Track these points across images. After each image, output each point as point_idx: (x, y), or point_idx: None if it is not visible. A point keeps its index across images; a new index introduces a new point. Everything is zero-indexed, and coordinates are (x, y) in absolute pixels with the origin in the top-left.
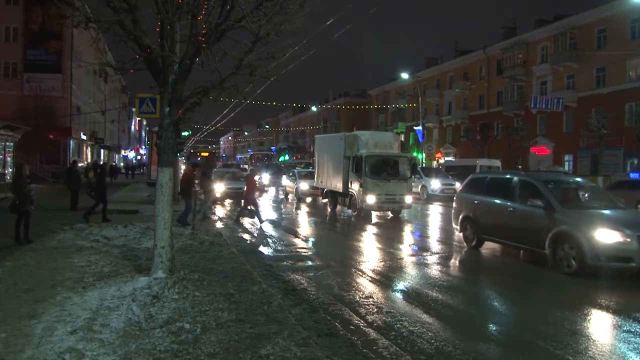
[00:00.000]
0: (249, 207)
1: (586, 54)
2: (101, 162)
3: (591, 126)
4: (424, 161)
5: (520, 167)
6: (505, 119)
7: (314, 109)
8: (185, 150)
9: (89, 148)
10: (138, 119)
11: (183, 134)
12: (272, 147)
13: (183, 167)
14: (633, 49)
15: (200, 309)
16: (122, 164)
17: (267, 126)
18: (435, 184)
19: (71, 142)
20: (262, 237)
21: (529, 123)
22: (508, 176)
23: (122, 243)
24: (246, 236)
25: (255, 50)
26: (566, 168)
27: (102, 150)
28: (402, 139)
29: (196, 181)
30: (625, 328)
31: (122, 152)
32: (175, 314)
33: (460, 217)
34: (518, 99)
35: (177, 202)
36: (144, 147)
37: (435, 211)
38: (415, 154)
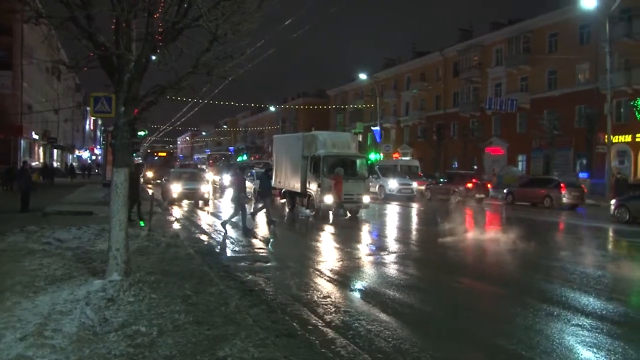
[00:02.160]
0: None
1: (539, 57)
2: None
3: (543, 127)
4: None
5: (475, 167)
6: (461, 119)
7: (272, 109)
8: (141, 150)
9: (41, 148)
10: (93, 118)
11: (139, 133)
12: (230, 147)
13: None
14: (582, 54)
15: (157, 312)
16: (75, 164)
17: (225, 126)
18: (393, 184)
19: (22, 141)
20: (220, 238)
21: (484, 124)
22: None
23: (76, 245)
24: (204, 237)
25: (212, 49)
26: (520, 168)
27: (54, 150)
28: (360, 139)
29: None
30: None
31: (76, 152)
32: (130, 317)
33: None
34: (474, 100)
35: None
36: (99, 147)
37: (392, 211)
38: (372, 154)
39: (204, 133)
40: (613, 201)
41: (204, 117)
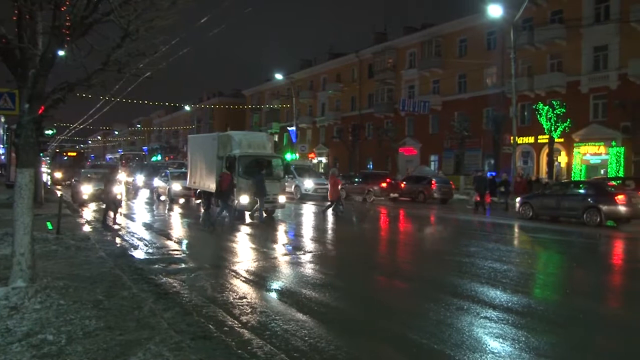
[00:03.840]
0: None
1: (450, 61)
2: None
3: (454, 128)
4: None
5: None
6: (376, 120)
7: (187, 108)
8: (49, 150)
9: None
10: None
11: (46, 132)
12: (144, 147)
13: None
14: (489, 59)
15: (66, 318)
16: None
17: (138, 125)
18: (309, 184)
19: None
20: (133, 240)
21: (398, 125)
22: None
23: None
24: (116, 239)
25: (124, 46)
26: (432, 168)
27: None
28: (276, 139)
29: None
30: None
31: None
32: (36, 326)
33: None
34: (388, 101)
35: (39, 206)
36: (1, 146)
37: (308, 210)
38: (289, 154)
39: (116, 132)
40: (518, 199)
41: (117, 116)
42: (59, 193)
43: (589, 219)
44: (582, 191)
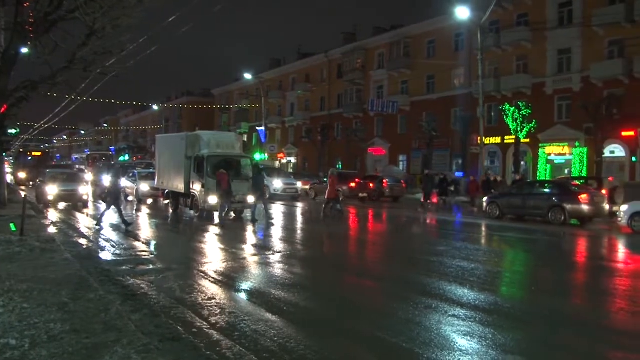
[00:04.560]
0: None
1: (418, 62)
2: None
3: (422, 129)
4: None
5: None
6: (345, 120)
7: (155, 107)
8: (13, 150)
9: None
10: None
11: (10, 131)
12: (111, 147)
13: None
14: (457, 60)
15: (29, 322)
16: None
17: (105, 125)
18: (278, 184)
19: None
20: (100, 241)
21: (367, 125)
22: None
23: None
24: (82, 241)
25: (90, 44)
26: (401, 168)
27: None
28: (245, 139)
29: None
30: None
31: None
32: None
33: None
34: (357, 101)
35: (2, 207)
36: None
37: (277, 210)
38: (258, 154)
39: (82, 132)
40: (485, 198)
41: (84, 115)
42: (22, 194)
43: (554, 218)
44: (547, 191)
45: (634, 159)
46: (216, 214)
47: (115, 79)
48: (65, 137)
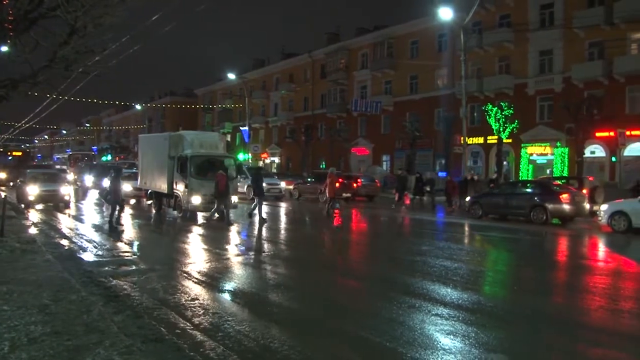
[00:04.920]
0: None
1: (402, 62)
2: None
3: (406, 129)
4: (250, 162)
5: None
6: (329, 120)
7: (138, 107)
8: None
9: None
10: None
11: None
12: (94, 147)
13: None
14: (440, 61)
15: (9, 325)
16: None
17: (87, 125)
18: None
19: None
20: (82, 242)
21: (351, 125)
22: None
23: None
24: (64, 242)
25: (71, 42)
26: (384, 167)
27: None
28: (229, 139)
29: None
30: None
31: None
32: None
33: None
34: (340, 101)
35: None
36: None
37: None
38: (241, 154)
39: (64, 132)
40: (468, 198)
41: (65, 115)
42: (2, 194)
43: (536, 217)
44: (529, 190)
45: (613, 159)
46: (200, 215)
47: (98, 78)
48: (46, 136)
